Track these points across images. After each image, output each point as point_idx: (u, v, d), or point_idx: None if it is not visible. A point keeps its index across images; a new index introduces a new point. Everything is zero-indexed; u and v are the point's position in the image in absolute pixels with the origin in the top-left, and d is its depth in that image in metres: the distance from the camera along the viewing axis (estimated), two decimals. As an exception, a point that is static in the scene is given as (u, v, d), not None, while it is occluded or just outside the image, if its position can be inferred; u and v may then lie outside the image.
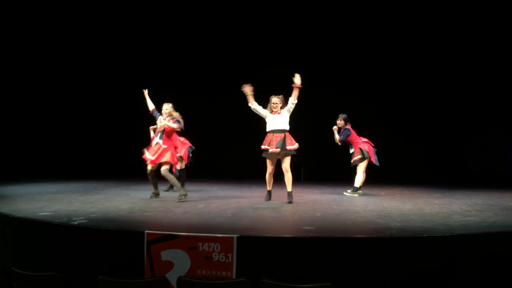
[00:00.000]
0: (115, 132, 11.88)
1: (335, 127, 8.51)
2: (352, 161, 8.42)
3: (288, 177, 7.15)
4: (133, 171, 11.23)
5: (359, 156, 8.32)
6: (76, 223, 5.19)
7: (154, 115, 7.71)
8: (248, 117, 10.36)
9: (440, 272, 4.52)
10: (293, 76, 7.05)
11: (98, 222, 5.27)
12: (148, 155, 7.41)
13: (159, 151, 7.36)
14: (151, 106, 7.73)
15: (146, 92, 7.80)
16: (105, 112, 12.01)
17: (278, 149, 7.00)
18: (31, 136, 11.31)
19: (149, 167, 7.48)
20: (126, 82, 12.00)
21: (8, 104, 11.06)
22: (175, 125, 7.41)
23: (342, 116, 8.52)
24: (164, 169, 7.34)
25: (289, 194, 7.22)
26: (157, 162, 7.36)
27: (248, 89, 7.16)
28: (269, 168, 7.24)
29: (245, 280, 3.61)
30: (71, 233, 5.09)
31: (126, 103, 11.84)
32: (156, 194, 7.70)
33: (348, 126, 8.46)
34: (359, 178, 8.35)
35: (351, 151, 8.48)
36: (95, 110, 12.05)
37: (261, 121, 7.50)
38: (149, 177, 7.60)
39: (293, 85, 7.08)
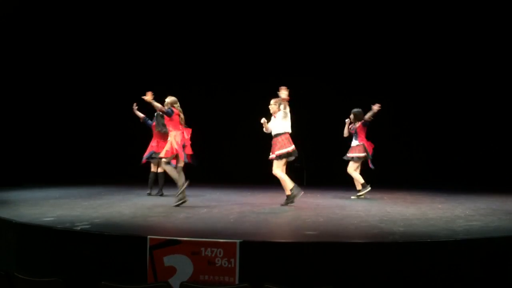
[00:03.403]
0: (118, 137, 11.88)
1: (348, 120, 8.58)
2: (355, 155, 8.39)
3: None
4: (135, 176, 11.24)
5: (364, 154, 8.37)
6: (79, 228, 5.19)
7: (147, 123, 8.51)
8: (250, 120, 10.40)
9: (443, 277, 4.50)
10: (279, 90, 7.02)
11: (101, 228, 5.27)
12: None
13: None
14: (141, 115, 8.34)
15: (135, 107, 8.41)
16: (108, 117, 12.02)
17: (272, 156, 7.25)
18: (34, 141, 11.33)
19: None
20: (128, 87, 12.03)
21: (11, 109, 11.08)
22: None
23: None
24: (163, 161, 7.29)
25: (287, 197, 7.32)
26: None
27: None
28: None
29: (248, 285, 3.60)
30: (74, 238, 5.09)
31: (128, 108, 11.86)
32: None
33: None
34: (359, 176, 8.41)
35: (357, 143, 8.45)
36: (97, 114, 12.06)
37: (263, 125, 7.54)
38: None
39: (282, 99, 7.10)
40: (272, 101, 7.38)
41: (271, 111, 7.43)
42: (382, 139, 9.03)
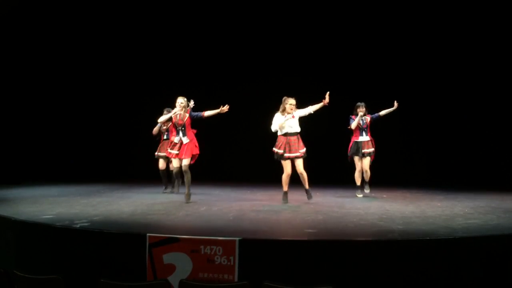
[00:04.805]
0: (117, 135, 11.87)
1: (361, 113, 8.45)
2: (371, 150, 8.33)
3: (303, 177, 7.31)
4: (135, 173, 11.24)
5: (374, 149, 8.36)
6: (78, 226, 5.19)
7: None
8: (250, 119, 10.41)
9: (442, 275, 4.50)
10: (326, 93, 7.36)
11: (100, 225, 5.27)
12: (174, 151, 7.34)
13: (185, 147, 7.31)
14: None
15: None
16: (107, 115, 12.01)
17: (298, 154, 7.20)
18: (33, 138, 11.32)
19: (178, 164, 7.40)
20: (128, 87, 12.02)
21: (10, 107, 11.07)
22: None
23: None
24: (186, 164, 7.27)
25: (308, 191, 7.38)
26: (187, 157, 7.26)
27: None
28: (288, 169, 7.27)
29: (247, 283, 3.60)
30: (73, 236, 5.10)
31: (128, 106, 11.86)
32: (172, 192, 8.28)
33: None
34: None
35: (367, 138, 8.40)
36: (96, 112, 12.05)
37: (264, 123, 7.54)
38: (174, 175, 8.06)
39: (324, 101, 7.35)
40: (294, 101, 7.33)
41: (291, 109, 7.29)
42: (381, 138, 9.02)
